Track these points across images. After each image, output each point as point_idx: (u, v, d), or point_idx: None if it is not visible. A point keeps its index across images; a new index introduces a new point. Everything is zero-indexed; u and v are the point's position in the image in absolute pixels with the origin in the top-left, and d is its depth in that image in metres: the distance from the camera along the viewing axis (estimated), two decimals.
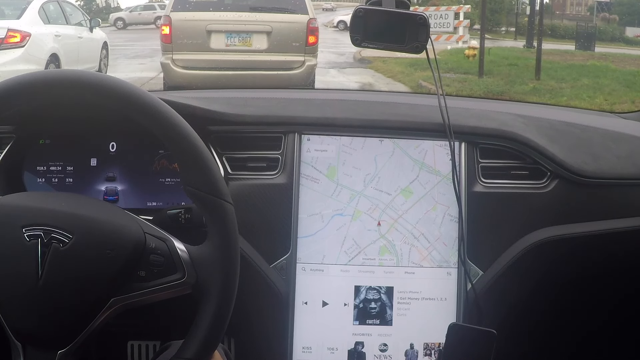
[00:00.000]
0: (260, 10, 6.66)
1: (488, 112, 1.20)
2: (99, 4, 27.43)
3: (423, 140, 1.11)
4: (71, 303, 0.74)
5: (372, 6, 1.03)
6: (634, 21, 24.09)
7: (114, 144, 1.10)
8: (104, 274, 0.74)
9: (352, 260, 1.09)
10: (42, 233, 0.73)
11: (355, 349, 1.09)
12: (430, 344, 1.10)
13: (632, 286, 1.33)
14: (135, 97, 0.79)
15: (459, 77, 9.59)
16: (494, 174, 1.12)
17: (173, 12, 6.55)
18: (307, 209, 1.08)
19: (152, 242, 0.78)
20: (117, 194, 1.09)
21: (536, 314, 1.29)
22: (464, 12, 11.79)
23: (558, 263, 1.15)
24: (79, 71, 0.81)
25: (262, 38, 6.58)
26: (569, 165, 1.12)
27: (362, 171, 1.10)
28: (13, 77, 0.79)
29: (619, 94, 8.60)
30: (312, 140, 1.10)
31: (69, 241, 0.73)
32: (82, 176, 1.09)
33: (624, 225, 1.15)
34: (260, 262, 1.06)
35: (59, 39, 7.35)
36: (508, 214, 1.11)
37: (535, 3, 15.39)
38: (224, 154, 1.09)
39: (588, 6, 28.67)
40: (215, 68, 6.48)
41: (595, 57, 13.59)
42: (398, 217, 1.10)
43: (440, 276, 1.10)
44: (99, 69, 8.38)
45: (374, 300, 1.09)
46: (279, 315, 1.07)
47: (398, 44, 1.04)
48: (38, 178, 1.08)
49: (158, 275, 0.77)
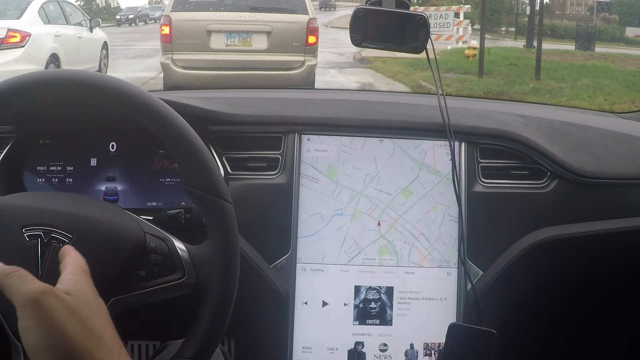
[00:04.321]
0: (260, 10, 6.65)
1: (488, 112, 1.20)
2: (99, 4, 27.46)
3: (423, 140, 1.11)
4: None
5: (372, 6, 1.03)
6: (634, 21, 24.08)
7: (114, 144, 1.10)
8: (104, 273, 0.74)
9: (352, 260, 1.09)
10: (42, 233, 0.73)
11: (355, 349, 1.09)
12: (430, 344, 1.10)
13: (632, 286, 1.33)
14: (135, 97, 0.79)
15: (459, 77, 9.59)
16: (494, 174, 1.12)
17: (173, 12, 6.55)
18: (307, 209, 1.08)
19: (152, 242, 0.78)
20: (117, 194, 1.09)
21: (536, 313, 1.29)
22: (464, 12, 11.79)
23: (558, 263, 1.15)
24: (79, 71, 0.81)
25: (262, 38, 6.58)
26: (569, 165, 1.12)
27: (362, 171, 1.10)
28: (13, 77, 0.79)
29: (619, 94, 8.60)
30: (312, 140, 1.10)
31: (68, 241, 0.73)
32: (82, 176, 1.09)
33: (624, 225, 1.15)
34: (260, 262, 1.06)
35: (59, 39, 7.35)
36: (508, 214, 1.11)
37: (535, 3, 15.41)
38: (224, 154, 1.09)
39: (588, 6, 28.67)
40: (215, 68, 6.47)
41: (595, 57, 13.59)
42: (398, 217, 1.10)
43: (440, 276, 1.10)
44: (99, 69, 8.38)
45: (374, 300, 1.09)
46: (279, 315, 1.07)
47: (398, 44, 1.04)
48: (38, 178, 1.08)
49: (158, 275, 0.77)
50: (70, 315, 0.59)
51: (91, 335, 0.60)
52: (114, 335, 0.63)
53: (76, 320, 0.60)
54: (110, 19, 24.73)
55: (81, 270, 0.66)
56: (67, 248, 0.71)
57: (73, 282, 0.64)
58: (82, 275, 0.66)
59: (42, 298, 0.59)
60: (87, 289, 0.64)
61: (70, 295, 0.61)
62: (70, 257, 0.68)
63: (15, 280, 0.60)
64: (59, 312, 0.59)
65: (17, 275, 0.61)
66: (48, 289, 0.60)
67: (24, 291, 0.59)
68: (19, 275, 0.61)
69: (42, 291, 0.59)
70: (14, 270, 0.61)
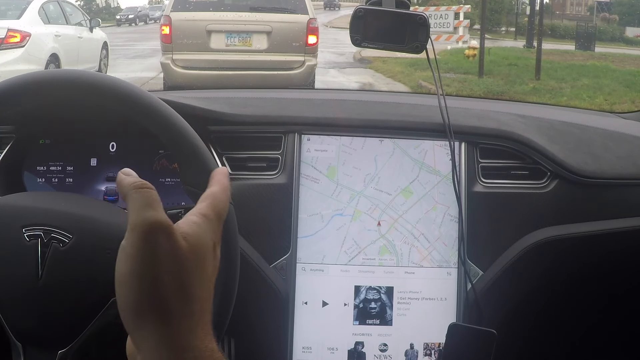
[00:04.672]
0: (260, 10, 6.66)
1: (488, 112, 1.20)
2: (99, 4, 27.47)
3: (423, 140, 1.11)
4: (71, 303, 0.74)
5: (372, 6, 1.03)
6: (634, 21, 24.09)
7: (114, 144, 1.10)
8: (104, 273, 0.74)
9: (352, 260, 1.09)
10: (42, 233, 0.73)
11: (355, 349, 1.09)
12: (430, 344, 1.10)
13: (632, 286, 1.33)
14: (135, 97, 0.79)
15: (459, 77, 9.59)
16: (494, 174, 1.12)
17: (173, 12, 6.55)
18: (307, 209, 1.08)
19: None
20: (117, 194, 1.09)
21: (536, 313, 1.29)
22: (464, 12, 11.78)
23: (558, 263, 1.15)
24: (79, 71, 0.81)
25: (262, 38, 6.58)
26: (569, 165, 1.12)
27: (362, 171, 1.10)
28: (13, 77, 0.79)
29: (619, 94, 8.61)
30: (312, 140, 1.10)
31: (68, 241, 0.73)
32: (82, 176, 1.09)
33: (624, 225, 1.15)
34: (260, 262, 1.06)
35: (59, 39, 7.35)
36: (508, 214, 1.11)
37: (535, 3, 15.40)
38: (224, 154, 1.09)
39: (588, 6, 28.68)
40: (215, 68, 6.47)
41: (595, 57, 13.60)
42: (398, 217, 1.10)
43: (440, 276, 1.10)
44: (99, 69, 8.38)
45: (374, 300, 1.09)
46: (279, 315, 1.07)
47: (398, 44, 1.04)
48: (38, 178, 1.08)
49: None
50: (172, 263, 0.53)
51: (182, 293, 0.53)
52: (205, 302, 0.56)
53: (175, 270, 0.53)
54: (110, 19, 24.75)
55: (215, 215, 0.59)
56: (219, 173, 0.63)
57: (197, 226, 0.57)
58: (210, 221, 0.58)
59: (153, 231, 0.53)
60: (206, 242, 0.57)
61: (185, 240, 0.55)
62: (213, 193, 0.61)
63: (141, 198, 0.55)
64: (162, 255, 0.53)
65: (144, 194, 0.55)
66: (165, 225, 0.53)
67: (142, 215, 0.53)
68: (147, 195, 0.55)
69: (160, 224, 0.53)
70: (144, 187, 0.56)
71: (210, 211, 0.59)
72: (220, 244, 0.80)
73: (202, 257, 0.56)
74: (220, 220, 0.60)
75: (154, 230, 0.53)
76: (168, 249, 0.53)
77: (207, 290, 0.57)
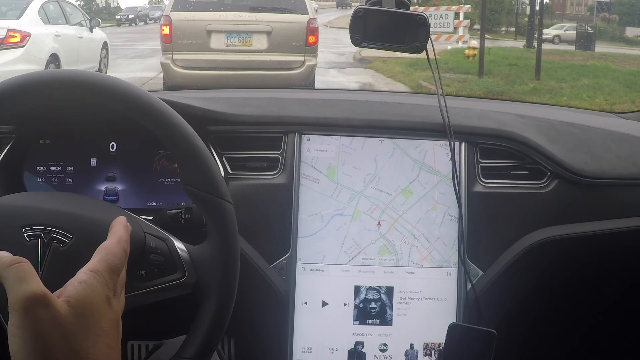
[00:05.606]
0: (260, 10, 6.66)
1: (488, 112, 1.20)
2: (99, 4, 27.47)
3: (423, 140, 1.11)
4: None
5: (372, 6, 1.03)
6: (634, 21, 24.09)
7: (114, 144, 1.10)
8: None
9: (352, 260, 1.09)
10: (42, 233, 0.73)
11: (355, 349, 1.09)
12: (430, 344, 1.10)
13: (632, 286, 1.33)
14: (135, 97, 0.79)
15: (459, 77, 9.59)
16: (494, 174, 1.12)
17: (173, 12, 6.56)
18: (307, 209, 1.08)
19: (152, 242, 0.78)
20: (117, 194, 1.09)
21: (536, 313, 1.29)
22: (464, 12, 11.79)
23: (558, 263, 1.15)
24: (79, 71, 0.81)
25: (262, 38, 6.59)
26: (569, 165, 1.12)
27: (362, 171, 1.10)
28: (13, 77, 0.79)
29: (619, 94, 8.61)
30: (312, 140, 1.10)
31: (69, 241, 0.73)
32: (82, 176, 1.09)
33: (624, 225, 1.15)
34: (260, 262, 1.06)
35: (59, 39, 7.36)
36: (508, 214, 1.11)
37: (535, 3, 15.41)
38: (224, 154, 1.09)
39: (588, 6, 28.68)
40: (215, 68, 6.48)
41: (595, 57, 13.61)
42: (398, 217, 1.10)
43: (440, 276, 1.10)
44: (99, 69, 8.39)
45: (374, 300, 1.09)
46: (279, 315, 1.07)
47: (398, 44, 1.04)
48: (38, 178, 1.08)
49: (158, 275, 0.77)
50: (56, 332, 0.53)
51: (75, 358, 0.54)
52: (105, 357, 0.56)
53: (62, 338, 0.53)
54: (110, 19, 24.75)
55: (106, 269, 0.59)
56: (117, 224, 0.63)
57: (84, 286, 0.57)
58: (101, 276, 0.58)
59: (32, 306, 0.53)
60: (95, 299, 0.57)
61: (69, 304, 0.55)
62: (105, 247, 0.61)
63: (14, 275, 0.55)
64: (44, 327, 0.53)
65: (16, 270, 0.55)
66: (42, 296, 0.53)
67: (17, 292, 0.54)
68: (18, 270, 0.55)
69: (34, 297, 0.53)
70: (15, 262, 0.56)
71: (100, 266, 0.59)
72: (220, 244, 0.80)
73: (91, 316, 0.56)
74: (114, 273, 0.60)
75: (31, 305, 0.53)
76: (49, 319, 0.53)
77: (104, 347, 0.56)
